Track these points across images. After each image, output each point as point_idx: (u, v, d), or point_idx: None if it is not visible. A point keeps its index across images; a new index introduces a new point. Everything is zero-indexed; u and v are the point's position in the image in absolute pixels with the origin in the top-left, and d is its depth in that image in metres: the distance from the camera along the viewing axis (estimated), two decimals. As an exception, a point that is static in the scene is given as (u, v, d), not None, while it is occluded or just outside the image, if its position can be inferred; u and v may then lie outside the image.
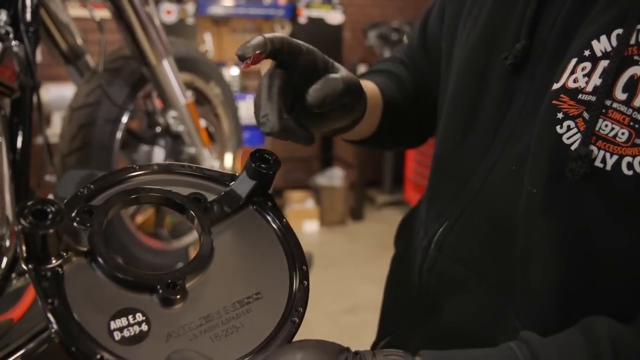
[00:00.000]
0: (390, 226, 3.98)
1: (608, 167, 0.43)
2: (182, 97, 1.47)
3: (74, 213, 0.44)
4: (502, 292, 0.53)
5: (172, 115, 1.50)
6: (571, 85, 0.46)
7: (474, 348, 0.44)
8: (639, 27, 0.43)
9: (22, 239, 0.39)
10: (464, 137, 0.58)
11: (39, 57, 1.93)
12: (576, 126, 0.45)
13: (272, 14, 3.86)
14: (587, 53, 0.46)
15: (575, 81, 0.46)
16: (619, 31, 0.44)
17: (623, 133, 0.43)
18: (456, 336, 0.56)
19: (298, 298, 0.45)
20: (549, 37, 0.51)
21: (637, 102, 0.42)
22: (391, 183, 4.44)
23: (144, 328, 0.39)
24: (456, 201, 0.58)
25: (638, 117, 0.42)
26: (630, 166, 0.42)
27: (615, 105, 0.43)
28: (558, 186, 0.46)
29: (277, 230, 0.51)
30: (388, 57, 0.81)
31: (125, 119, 1.41)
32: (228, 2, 3.69)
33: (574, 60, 0.47)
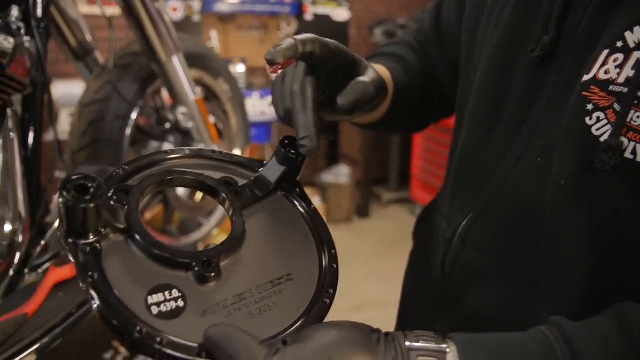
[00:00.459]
0: (396, 224, 3.97)
1: (638, 159, 0.43)
2: (192, 94, 1.47)
3: (111, 192, 0.45)
4: (527, 283, 0.53)
5: (182, 111, 1.50)
6: (602, 76, 0.46)
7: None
8: None
9: (64, 213, 0.40)
10: (489, 131, 0.58)
11: (48, 54, 1.92)
12: (606, 117, 0.45)
13: (278, 11, 3.85)
14: (620, 44, 0.46)
15: (606, 72, 0.46)
16: None
17: None
18: (479, 327, 0.56)
19: (328, 280, 0.46)
20: (578, 30, 0.51)
21: None
22: (397, 180, 4.43)
23: (180, 304, 0.40)
24: (480, 193, 0.58)
25: None
26: None
27: None
28: (587, 177, 0.46)
29: (306, 215, 0.52)
30: (396, 40, 0.81)
31: (134, 116, 1.41)
32: (234, -1, 3.70)
33: (606, 51, 0.47)
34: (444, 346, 0.41)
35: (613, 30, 0.47)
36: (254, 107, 3.48)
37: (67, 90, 2.94)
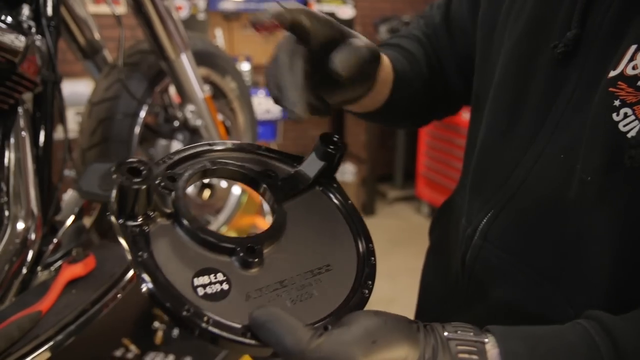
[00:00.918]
0: (402, 221, 3.96)
1: None
2: (200, 92, 1.47)
3: (159, 179, 0.47)
4: (551, 280, 0.53)
5: (190, 109, 1.50)
6: (630, 72, 0.46)
7: None
8: None
9: (117, 194, 0.42)
10: (510, 127, 0.58)
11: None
12: (634, 113, 0.44)
13: (283, 9, 3.85)
14: None
15: (634, 68, 0.45)
16: None
17: None
18: (502, 324, 0.56)
19: (367, 272, 0.47)
20: (602, 25, 0.50)
21: None
22: (403, 178, 4.42)
23: (225, 287, 0.42)
24: (501, 190, 0.57)
25: None
26: None
27: None
28: (615, 174, 0.46)
29: (343, 209, 0.53)
30: (403, 33, 0.80)
31: (143, 114, 1.41)
32: (239, -2, 3.69)
33: (634, 47, 0.46)
34: (482, 336, 0.41)
35: None
36: (260, 105, 3.48)
37: (74, 89, 2.95)
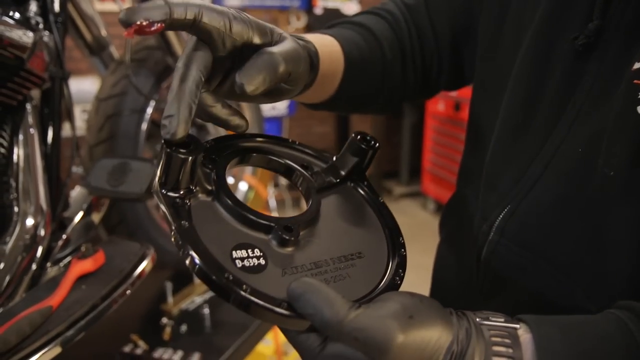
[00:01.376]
0: (407, 218, 3.95)
1: None
2: (207, 88, 1.46)
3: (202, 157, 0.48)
4: (571, 276, 0.52)
5: (197, 105, 1.50)
6: None
7: None
8: None
9: (163, 163, 0.43)
10: (526, 120, 0.57)
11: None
12: None
13: (288, 5, 3.84)
14: None
15: None
16: None
17: None
18: None
19: (398, 262, 0.48)
20: (624, 16, 0.49)
21: None
22: (408, 174, 4.42)
23: (262, 262, 0.43)
24: (518, 185, 0.56)
25: None
26: None
27: None
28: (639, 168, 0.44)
29: (374, 205, 0.54)
30: (373, 9, 0.73)
31: (150, 110, 1.41)
32: (244, -6, 3.69)
33: None
34: (514, 322, 0.41)
35: None
36: (265, 102, 3.47)
37: (79, 87, 2.96)
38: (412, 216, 3.97)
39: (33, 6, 1.02)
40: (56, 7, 1.06)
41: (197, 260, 0.39)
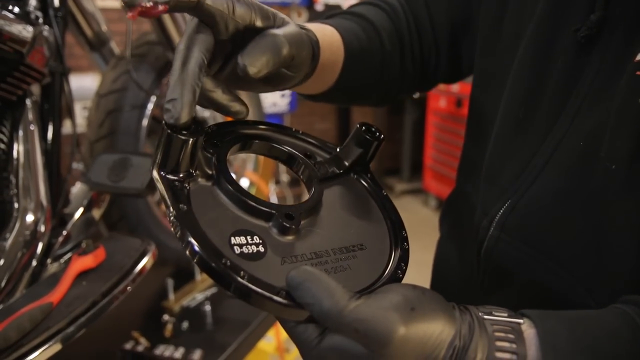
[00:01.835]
0: (409, 214, 3.95)
1: None
2: (208, 83, 1.46)
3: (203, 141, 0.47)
4: (572, 271, 0.51)
5: (198, 101, 1.49)
6: None
7: None
8: None
9: (163, 144, 0.42)
10: (527, 114, 0.56)
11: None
12: None
13: (289, 1, 3.83)
14: None
15: None
16: None
17: None
18: None
19: (400, 255, 0.47)
20: (627, 7, 0.48)
21: None
22: (410, 171, 4.41)
23: (261, 249, 0.42)
24: (519, 179, 0.55)
25: None
26: None
27: None
28: None
29: (377, 197, 0.53)
30: (374, 0, 0.72)
31: (151, 105, 1.40)
32: (244, -10, 3.67)
33: None
34: (517, 317, 0.40)
35: None
36: (266, 98, 3.47)
37: (80, 83, 2.96)
38: (414, 213, 3.96)
39: (33, 0, 1.01)
40: (56, 2, 1.05)
41: (195, 245, 0.38)
